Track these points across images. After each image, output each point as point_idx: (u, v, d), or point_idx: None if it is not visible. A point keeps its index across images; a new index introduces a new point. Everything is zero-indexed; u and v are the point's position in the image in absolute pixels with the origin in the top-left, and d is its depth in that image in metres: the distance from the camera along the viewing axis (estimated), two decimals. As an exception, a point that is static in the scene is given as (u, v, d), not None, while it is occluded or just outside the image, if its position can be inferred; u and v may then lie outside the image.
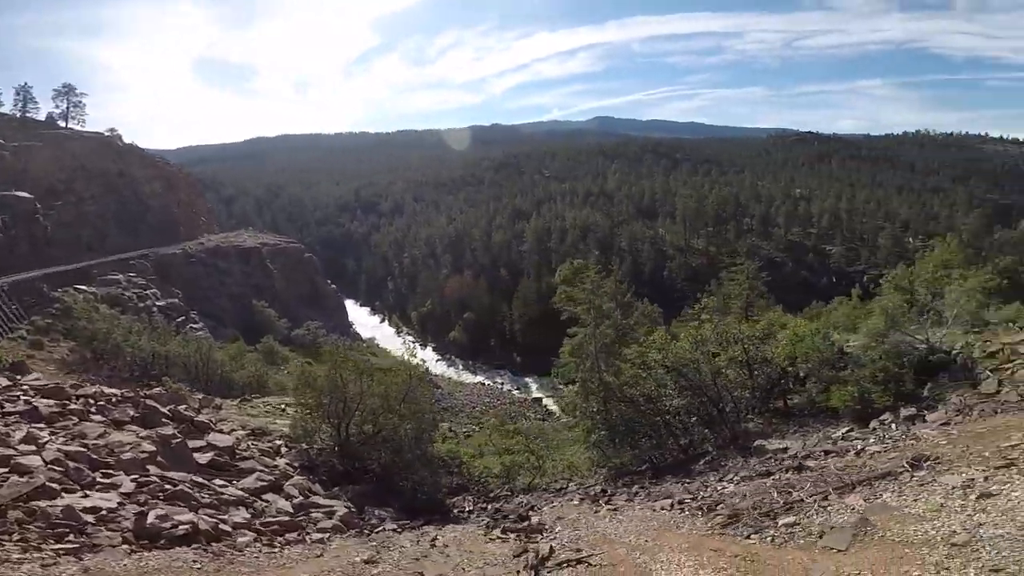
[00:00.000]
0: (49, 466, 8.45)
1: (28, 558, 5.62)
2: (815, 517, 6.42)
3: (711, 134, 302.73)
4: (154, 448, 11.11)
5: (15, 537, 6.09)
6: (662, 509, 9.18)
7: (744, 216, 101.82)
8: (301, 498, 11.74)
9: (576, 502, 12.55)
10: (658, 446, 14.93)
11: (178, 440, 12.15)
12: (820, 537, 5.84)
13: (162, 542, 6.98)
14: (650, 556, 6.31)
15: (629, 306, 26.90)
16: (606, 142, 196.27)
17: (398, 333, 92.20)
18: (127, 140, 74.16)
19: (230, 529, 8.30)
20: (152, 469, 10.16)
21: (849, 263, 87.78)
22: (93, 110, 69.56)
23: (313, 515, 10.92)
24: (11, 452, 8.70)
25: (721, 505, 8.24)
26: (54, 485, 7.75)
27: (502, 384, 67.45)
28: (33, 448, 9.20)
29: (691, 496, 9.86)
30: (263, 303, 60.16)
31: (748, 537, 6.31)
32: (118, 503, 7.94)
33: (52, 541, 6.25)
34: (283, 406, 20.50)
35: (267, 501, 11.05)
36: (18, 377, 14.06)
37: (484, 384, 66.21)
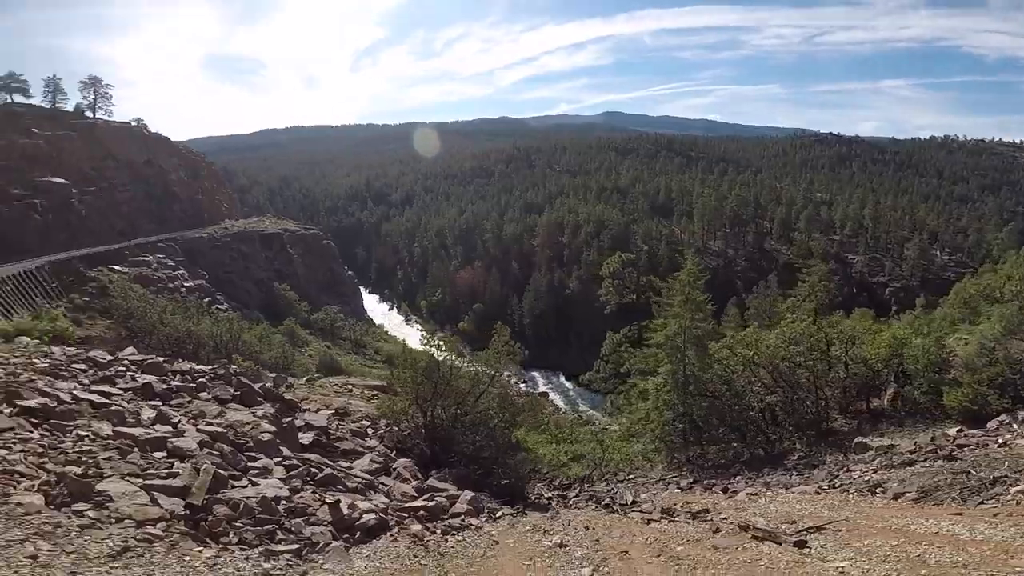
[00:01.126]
0: (205, 450, 8.06)
1: (275, 569, 5.23)
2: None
3: (725, 132, 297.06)
4: (273, 428, 10.76)
5: (233, 538, 5.70)
6: (815, 492, 9.11)
7: (763, 219, 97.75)
8: (416, 481, 11.39)
9: (681, 490, 12.37)
10: (742, 441, 14.68)
11: (288, 420, 11.82)
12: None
13: (358, 535, 6.66)
14: (898, 519, 6.04)
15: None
16: (617, 138, 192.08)
17: (407, 321, 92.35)
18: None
19: (394, 517, 7.98)
20: (284, 451, 9.83)
21: (872, 273, 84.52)
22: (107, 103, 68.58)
23: (438, 499, 10.57)
24: (159, 433, 8.29)
25: (880, 488, 8.11)
26: (222, 472, 7.39)
27: (509, 376, 67.26)
28: (170, 429, 8.81)
29: (828, 484, 9.73)
30: (285, 286, 60.23)
31: (983, 504, 6.15)
32: (290, 490, 7.59)
33: (267, 540, 5.88)
34: (349, 387, 20.11)
35: (386, 484, 10.71)
36: (118, 352, 13.61)
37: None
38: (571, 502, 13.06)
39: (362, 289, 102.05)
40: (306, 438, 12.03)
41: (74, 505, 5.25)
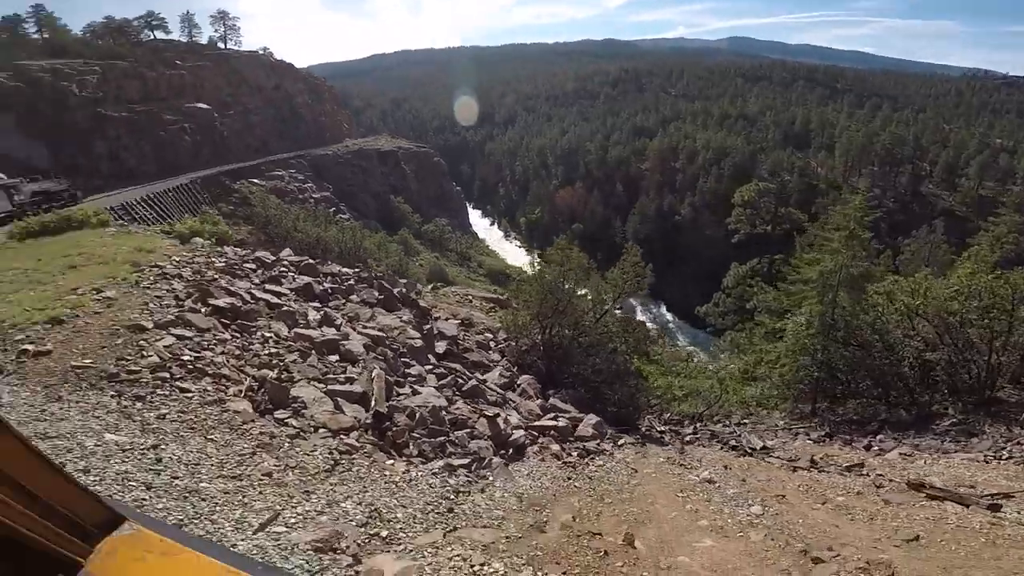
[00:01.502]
0: (371, 355, 8.54)
1: (459, 485, 5.40)
2: None
3: (879, 66, 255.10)
4: (418, 335, 11.25)
5: (413, 450, 5.96)
6: (983, 461, 8.17)
7: (922, 160, 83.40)
8: (540, 400, 11.61)
9: (813, 442, 11.57)
10: (884, 399, 13.24)
11: (428, 328, 12.30)
12: None
13: (510, 451, 6.80)
14: None
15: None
16: (746, 64, 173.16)
17: (506, 236, 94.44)
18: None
19: (530, 434, 8.11)
20: (430, 358, 10.29)
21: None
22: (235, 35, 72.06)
23: (562, 420, 10.73)
24: (330, 336, 8.82)
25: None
26: (388, 378, 7.79)
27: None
28: (335, 331, 9.43)
29: (994, 455, 8.64)
30: (400, 200, 63.31)
31: None
32: (446, 400, 7.92)
33: (440, 453, 6.14)
34: (469, 297, 20.78)
35: (513, 400, 11.00)
36: (280, 253, 14.74)
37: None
38: (687, 438, 12.77)
39: (467, 204, 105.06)
40: (440, 346, 12.53)
41: (276, 412, 5.76)
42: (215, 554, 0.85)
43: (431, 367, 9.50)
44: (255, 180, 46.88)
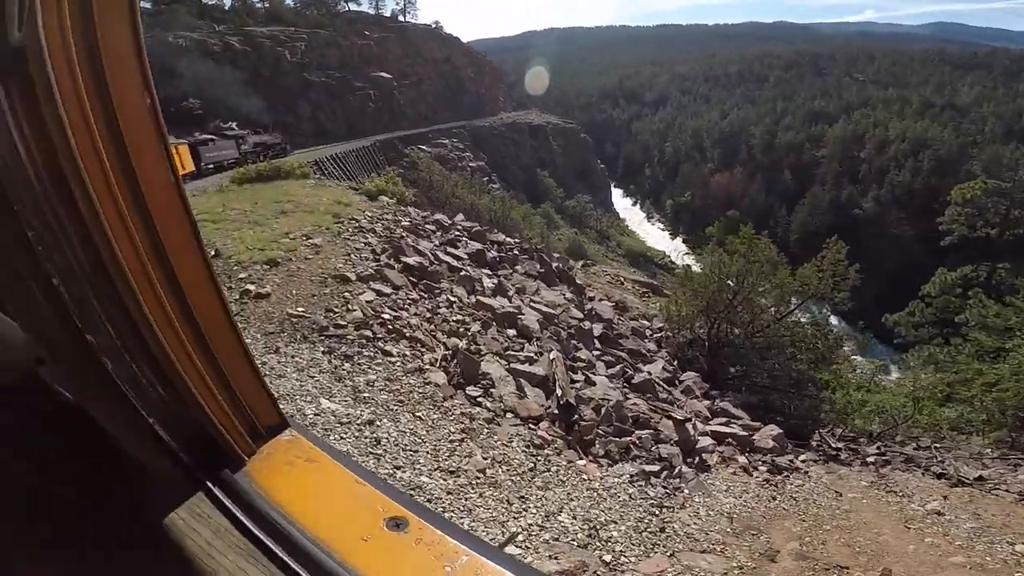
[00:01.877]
0: (546, 333, 8.16)
1: (658, 497, 4.76)
2: None
3: None
4: (580, 315, 10.73)
5: (600, 449, 5.41)
6: None
7: None
8: (707, 401, 10.44)
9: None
10: None
11: (588, 308, 11.72)
12: None
13: (697, 459, 5.96)
14: None
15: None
16: (956, 51, 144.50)
17: (648, 218, 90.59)
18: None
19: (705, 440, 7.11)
20: (595, 343, 9.70)
21: None
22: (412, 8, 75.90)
23: (734, 427, 9.50)
24: (508, 308, 8.54)
25: None
26: (565, 362, 7.33)
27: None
28: (507, 302, 9.18)
29: None
30: (545, 173, 63.69)
31: None
32: (621, 395, 7.25)
33: (625, 455, 5.51)
34: (620, 279, 19.87)
35: (679, 398, 9.98)
36: (454, 217, 15.07)
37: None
38: (870, 459, 10.89)
39: (609, 183, 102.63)
40: (596, 328, 11.91)
41: (467, 388, 5.53)
42: (349, 465, 0.88)
43: (598, 352, 8.89)
44: (422, 146, 49.96)
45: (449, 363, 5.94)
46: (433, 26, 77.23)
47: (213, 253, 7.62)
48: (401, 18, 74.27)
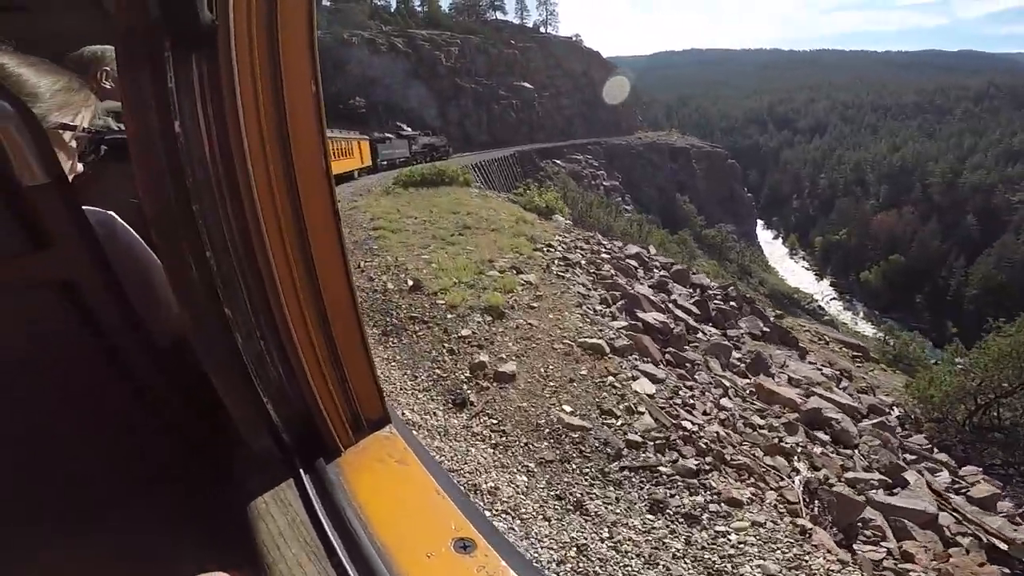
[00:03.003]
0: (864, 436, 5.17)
1: None
2: None
3: None
4: (849, 399, 7.43)
5: None
6: None
7: None
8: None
9: None
10: None
11: (844, 385, 8.39)
12: None
13: None
14: None
15: None
16: None
17: (791, 254, 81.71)
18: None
19: None
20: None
21: None
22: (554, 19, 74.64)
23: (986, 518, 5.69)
24: (809, 404, 5.73)
25: None
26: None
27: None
28: (793, 389, 6.27)
29: None
30: (686, 198, 59.15)
31: None
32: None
33: None
34: (824, 338, 15.62)
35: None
36: (647, 246, 12.56)
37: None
38: None
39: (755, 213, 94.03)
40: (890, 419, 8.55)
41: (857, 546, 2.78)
42: (436, 473, 0.84)
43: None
44: (557, 160, 48.14)
45: (808, 506, 3.30)
46: (573, 39, 75.73)
47: (411, 284, 5.68)
48: (543, 29, 73.63)
